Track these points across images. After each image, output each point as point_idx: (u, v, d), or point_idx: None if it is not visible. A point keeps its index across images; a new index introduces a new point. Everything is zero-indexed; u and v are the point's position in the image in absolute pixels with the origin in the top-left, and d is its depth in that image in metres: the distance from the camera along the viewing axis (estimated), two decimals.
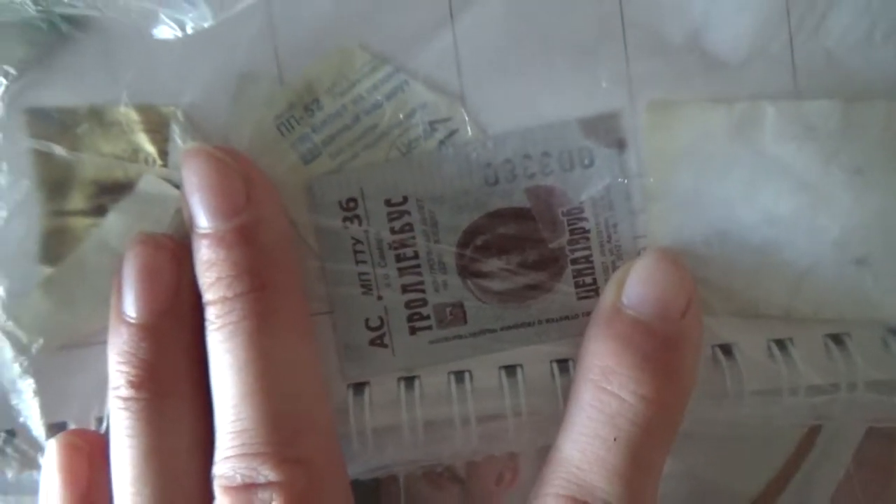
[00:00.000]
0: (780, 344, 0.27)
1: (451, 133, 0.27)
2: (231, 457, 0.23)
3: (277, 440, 0.23)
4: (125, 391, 0.24)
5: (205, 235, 0.24)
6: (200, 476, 0.24)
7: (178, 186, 0.27)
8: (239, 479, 0.23)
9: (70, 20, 0.26)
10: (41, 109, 0.27)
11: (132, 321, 0.25)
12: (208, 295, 0.24)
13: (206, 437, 0.24)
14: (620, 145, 0.27)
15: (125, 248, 0.26)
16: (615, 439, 0.23)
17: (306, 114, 0.27)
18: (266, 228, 0.25)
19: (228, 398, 0.23)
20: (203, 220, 0.24)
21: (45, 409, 0.27)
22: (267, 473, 0.23)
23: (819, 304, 0.27)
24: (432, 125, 0.27)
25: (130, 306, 0.25)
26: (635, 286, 0.25)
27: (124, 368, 0.24)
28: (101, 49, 0.27)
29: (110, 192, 0.27)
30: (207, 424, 0.24)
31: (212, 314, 0.24)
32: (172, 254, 0.25)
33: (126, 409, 0.24)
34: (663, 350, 0.24)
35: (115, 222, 0.27)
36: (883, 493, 0.34)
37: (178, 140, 0.27)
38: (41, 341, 0.27)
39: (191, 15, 0.25)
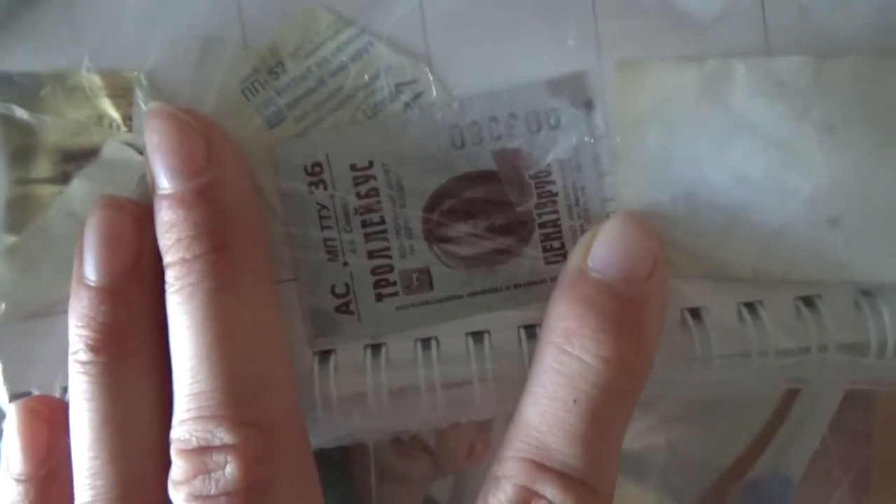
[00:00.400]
0: (750, 307, 0.26)
1: (417, 95, 0.26)
2: (187, 420, 0.22)
3: (234, 402, 0.22)
4: (84, 355, 0.24)
5: (165, 196, 0.24)
6: (159, 441, 0.23)
7: (142, 152, 0.26)
8: (194, 442, 0.22)
9: None
10: (4, 74, 0.26)
11: (92, 284, 0.24)
12: (168, 257, 0.24)
13: (165, 402, 0.24)
14: (588, 106, 0.26)
15: (88, 212, 0.25)
16: (575, 401, 0.22)
17: (271, 77, 0.26)
18: (227, 189, 0.24)
19: (185, 360, 0.23)
20: (163, 181, 0.24)
21: (8, 378, 0.27)
22: (222, 436, 0.22)
23: (790, 266, 0.25)
24: (398, 87, 0.26)
25: (91, 269, 0.24)
26: (601, 249, 0.24)
27: (83, 332, 0.24)
28: (64, 11, 0.26)
29: (75, 158, 0.27)
30: (167, 390, 0.24)
31: (171, 276, 0.23)
32: (134, 217, 0.24)
33: (84, 372, 0.24)
34: (627, 312, 0.23)
35: (80, 189, 0.26)
36: (859, 459, 0.33)
37: (142, 105, 0.26)
38: (3, 307, 0.26)
39: None
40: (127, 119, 0.26)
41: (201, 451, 0.22)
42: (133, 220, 0.24)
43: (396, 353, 0.26)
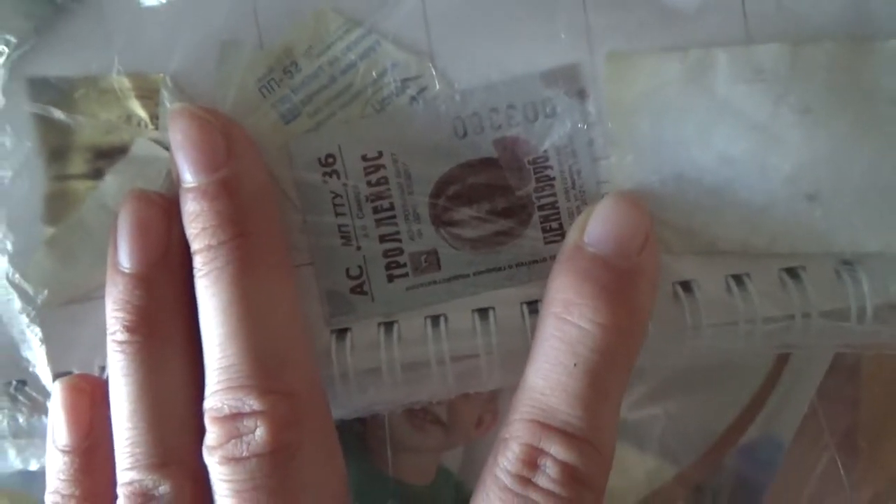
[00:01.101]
0: (738, 279, 0.26)
1: (422, 89, 0.27)
2: (219, 391, 0.23)
3: (261, 373, 0.23)
4: (120, 335, 0.25)
5: (189, 189, 0.24)
6: (192, 411, 0.24)
7: (168, 149, 0.26)
8: (226, 410, 0.23)
9: None
10: (41, 78, 0.27)
11: (126, 271, 0.25)
12: (195, 244, 0.24)
13: (196, 377, 0.25)
14: (581, 95, 0.26)
15: (120, 205, 0.26)
16: (575, 365, 0.23)
17: (285, 76, 0.27)
18: (246, 181, 0.25)
19: (215, 338, 0.24)
20: (188, 175, 0.25)
21: (52, 359, 0.27)
22: (252, 403, 0.23)
23: (774, 239, 0.26)
24: (404, 82, 0.27)
25: (124, 257, 0.25)
26: (595, 225, 0.24)
27: (119, 314, 0.25)
28: (95, 19, 0.27)
29: (107, 156, 0.27)
30: (198, 366, 0.25)
31: (198, 262, 0.24)
32: (163, 209, 0.25)
33: (121, 351, 0.24)
34: (621, 282, 0.24)
35: (112, 184, 0.27)
36: (846, 423, 0.33)
37: (168, 105, 0.27)
38: (46, 293, 0.27)
39: None
40: (154, 118, 0.27)
41: (233, 417, 0.23)
42: (161, 212, 0.25)
43: (408, 330, 0.27)
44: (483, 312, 0.27)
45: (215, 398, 0.23)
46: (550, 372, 0.23)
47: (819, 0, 0.26)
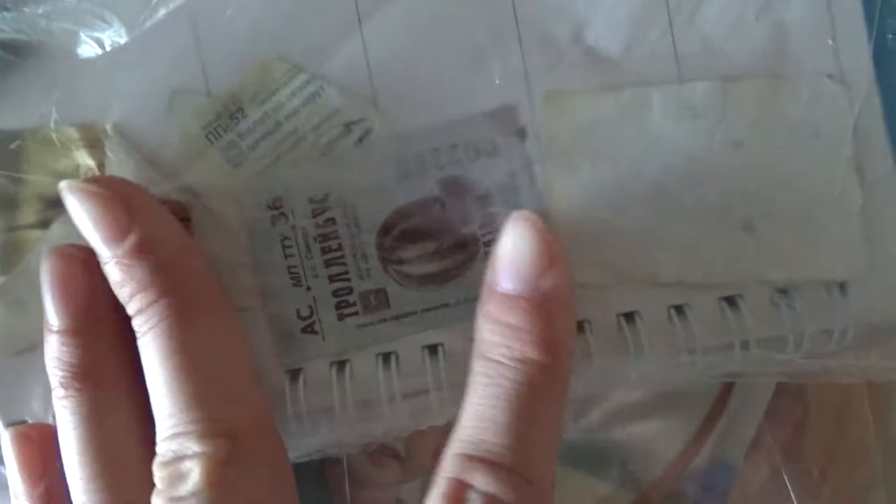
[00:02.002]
0: (679, 309, 0.27)
1: (366, 133, 0.27)
2: (164, 439, 0.24)
3: (202, 417, 0.23)
4: (59, 391, 0.25)
5: (106, 262, 0.24)
6: (144, 458, 0.24)
7: None
8: (171, 455, 0.23)
9: (2, 45, 0.26)
10: None
11: (54, 328, 0.25)
12: (128, 310, 0.25)
13: (146, 423, 0.25)
14: (521, 134, 0.27)
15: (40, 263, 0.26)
16: (501, 398, 0.23)
17: (232, 122, 0.27)
18: (159, 241, 0.25)
19: (159, 389, 0.24)
20: (99, 249, 0.24)
21: (4, 409, 0.27)
22: (193, 447, 0.23)
23: (710, 270, 0.27)
24: (348, 126, 0.27)
25: (51, 314, 0.25)
26: (499, 261, 0.24)
27: (56, 372, 0.25)
28: (35, 72, 0.27)
29: (56, 205, 0.27)
30: (145, 413, 0.24)
31: (136, 324, 0.24)
32: (80, 261, 0.25)
33: (64, 406, 0.25)
34: (531, 315, 0.24)
35: (58, 232, 0.27)
36: (794, 447, 0.34)
37: (111, 154, 0.27)
38: None
39: (108, 33, 0.25)
40: (101, 167, 0.27)
41: (176, 461, 0.23)
42: (79, 264, 0.25)
43: (360, 369, 0.27)
44: (433, 349, 0.27)
45: (163, 447, 0.24)
46: (479, 408, 0.23)
47: (744, 39, 0.26)
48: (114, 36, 0.25)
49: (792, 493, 0.33)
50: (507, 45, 0.27)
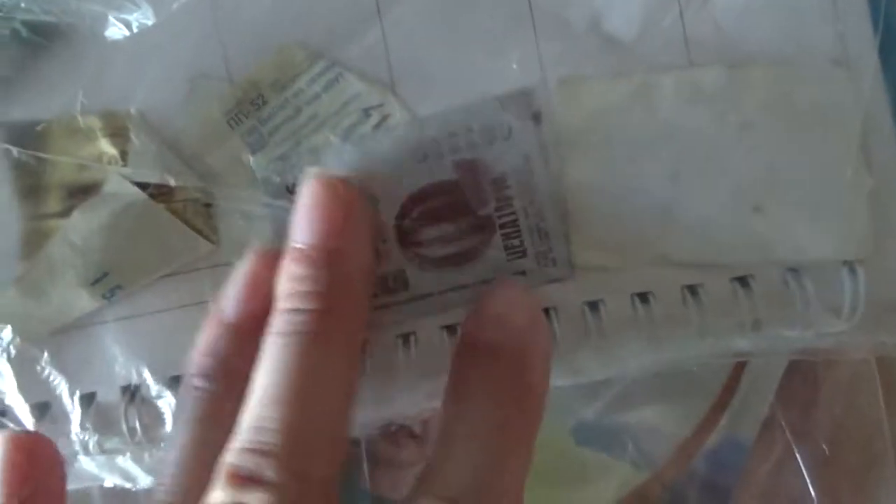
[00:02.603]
0: (692, 289, 0.28)
1: (384, 118, 0.28)
2: (246, 449, 0.22)
3: (291, 449, 0.22)
4: (198, 381, 0.26)
5: (296, 249, 0.25)
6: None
7: (139, 185, 0.28)
8: (243, 471, 0.22)
9: (31, 27, 0.27)
10: (11, 121, 0.28)
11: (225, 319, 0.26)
12: (281, 303, 0.24)
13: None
14: (536, 118, 0.28)
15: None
16: (467, 436, 0.24)
17: (253, 108, 0.28)
18: (349, 258, 0.25)
19: (263, 397, 0.23)
20: (298, 235, 0.25)
21: (27, 390, 0.28)
22: (269, 473, 0.22)
23: (723, 251, 0.27)
24: (366, 111, 0.28)
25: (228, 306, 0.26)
26: (483, 312, 0.26)
27: (206, 360, 0.26)
28: (62, 55, 0.28)
29: (80, 194, 0.28)
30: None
31: (277, 319, 0.24)
32: (270, 266, 0.26)
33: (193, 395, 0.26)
34: (508, 367, 0.25)
35: (80, 221, 0.28)
36: (805, 425, 0.35)
37: (135, 140, 0.28)
38: (9, 329, 0.28)
39: (135, 15, 0.26)
40: (124, 154, 0.28)
41: (243, 480, 0.22)
42: (269, 268, 0.26)
43: (379, 349, 0.28)
44: (451, 329, 0.28)
45: (240, 455, 0.22)
46: (447, 444, 0.24)
47: (754, 24, 0.27)
48: (141, 18, 0.26)
49: (804, 470, 0.34)
50: (523, 31, 0.27)
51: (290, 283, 0.24)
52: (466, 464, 0.23)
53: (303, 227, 0.25)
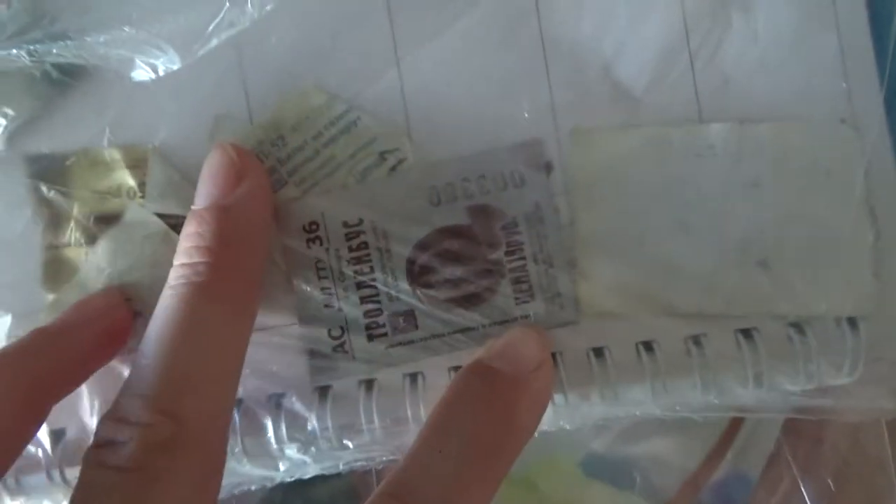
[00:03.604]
0: (696, 339, 0.29)
1: (400, 161, 0.29)
2: (124, 394, 0.24)
3: (162, 388, 0.23)
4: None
5: (192, 212, 0.27)
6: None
7: (157, 214, 0.29)
8: (117, 413, 0.23)
9: (60, 69, 0.28)
10: (37, 154, 0.29)
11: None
12: (176, 259, 0.26)
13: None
14: (547, 167, 0.28)
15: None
16: (440, 452, 0.24)
17: (273, 148, 0.29)
18: (239, 215, 0.26)
19: (145, 344, 0.24)
20: (198, 200, 0.27)
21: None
22: (138, 413, 0.23)
23: (728, 302, 0.28)
24: (382, 155, 0.29)
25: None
26: (497, 344, 0.27)
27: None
28: (89, 94, 0.29)
29: (101, 222, 0.30)
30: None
31: (170, 275, 0.26)
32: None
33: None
34: (503, 396, 0.26)
35: (105, 248, 0.30)
36: (811, 461, 0.36)
37: (155, 174, 0.29)
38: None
39: (162, 59, 0.27)
40: (142, 186, 0.30)
41: (116, 420, 0.23)
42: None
43: (387, 387, 0.29)
44: (458, 370, 0.29)
45: (119, 399, 0.24)
46: (419, 451, 0.25)
47: (764, 81, 0.28)
48: (167, 63, 0.27)
49: None
50: (537, 80, 0.28)
51: (182, 241, 0.26)
52: (433, 475, 0.24)
53: (200, 192, 0.27)
